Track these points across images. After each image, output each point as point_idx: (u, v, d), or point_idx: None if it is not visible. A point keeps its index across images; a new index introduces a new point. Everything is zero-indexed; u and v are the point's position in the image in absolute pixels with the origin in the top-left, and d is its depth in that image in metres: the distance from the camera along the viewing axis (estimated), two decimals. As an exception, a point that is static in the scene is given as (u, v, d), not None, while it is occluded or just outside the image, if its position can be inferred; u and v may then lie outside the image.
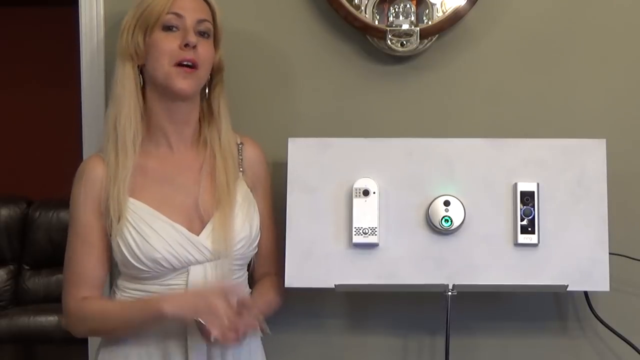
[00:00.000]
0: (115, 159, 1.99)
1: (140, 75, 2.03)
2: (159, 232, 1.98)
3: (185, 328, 1.97)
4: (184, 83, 1.99)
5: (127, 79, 2.02)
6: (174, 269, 1.99)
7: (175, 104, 2.02)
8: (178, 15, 1.99)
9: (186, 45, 1.98)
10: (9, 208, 5.28)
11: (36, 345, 4.94)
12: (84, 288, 2.01)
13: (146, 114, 2.04)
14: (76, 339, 2.13)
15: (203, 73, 2.02)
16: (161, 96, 2.02)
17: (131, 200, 2.00)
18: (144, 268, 1.97)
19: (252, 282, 2.15)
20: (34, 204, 5.30)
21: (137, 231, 1.97)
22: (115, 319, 1.99)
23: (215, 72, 2.08)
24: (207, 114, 2.09)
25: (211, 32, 2.04)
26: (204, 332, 1.87)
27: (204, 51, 2.01)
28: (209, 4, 2.05)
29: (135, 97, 2.02)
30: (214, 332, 1.84)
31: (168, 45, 1.99)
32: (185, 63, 1.98)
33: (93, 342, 2.28)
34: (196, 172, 2.05)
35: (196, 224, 2.01)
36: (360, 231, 2.10)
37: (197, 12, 2.02)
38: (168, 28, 2.00)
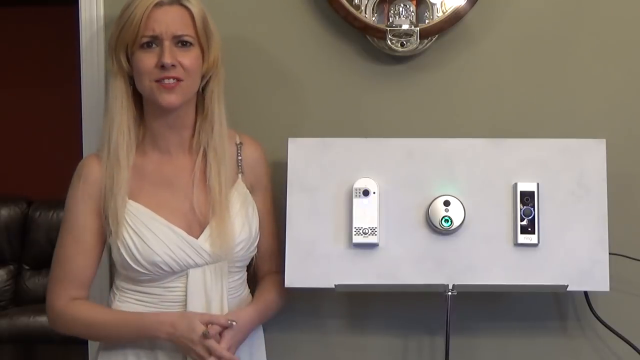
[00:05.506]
0: (110, 170, 2.00)
1: (133, 86, 2.02)
2: (159, 235, 1.98)
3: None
4: (169, 97, 1.97)
5: (118, 91, 2.02)
6: (173, 272, 1.99)
7: (170, 111, 2.02)
8: (153, 36, 1.96)
9: (162, 66, 1.95)
10: (9, 208, 5.28)
11: (36, 345, 4.94)
12: (71, 288, 2.02)
13: (143, 120, 2.05)
14: (76, 340, 2.13)
15: (190, 83, 1.99)
16: (154, 106, 2.01)
17: (130, 202, 2.00)
18: (143, 271, 1.97)
19: (254, 281, 2.15)
20: (34, 204, 5.29)
21: (136, 234, 1.97)
22: (106, 332, 2.01)
23: (208, 72, 2.04)
24: (201, 113, 2.07)
25: (194, 40, 2.00)
26: None
27: (187, 62, 1.97)
28: (188, 10, 1.99)
29: (127, 110, 2.01)
30: None
31: (147, 64, 1.97)
32: (165, 81, 1.96)
33: (93, 343, 2.27)
34: (192, 175, 2.05)
35: (195, 227, 2.01)
36: (360, 231, 2.10)
37: (173, 26, 1.97)
38: (147, 45, 1.97)
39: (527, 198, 2.10)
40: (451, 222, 2.09)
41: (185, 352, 1.96)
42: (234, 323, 1.96)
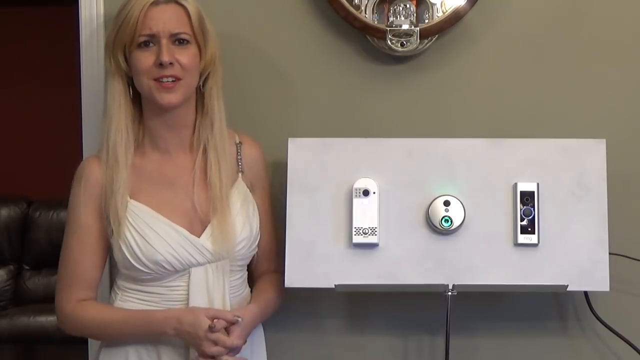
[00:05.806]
0: (109, 170, 2.00)
1: (132, 86, 2.02)
2: (161, 234, 1.98)
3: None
4: (169, 97, 1.98)
5: (116, 91, 2.02)
6: (175, 271, 1.99)
7: (169, 111, 2.02)
8: (151, 34, 1.96)
9: (160, 64, 1.96)
10: (9, 208, 5.28)
11: (36, 345, 4.94)
12: (79, 289, 2.02)
13: (143, 119, 2.05)
14: (76, 339, 2.14)
15: (189, 80, 2.00)
16: (153, 105, 2.02)
17: (132, 202, 2.00)
18: (146, 270, 1.98)
19: (251, 280, 2.15)
20: (34, 204, 5.29)
21: (138, 233, 1.97)
22: (114, 330, 2.01)
23: (205, 70, 2.04)
24: (200, 110, 2.07)
25: (191, 38, 2.00)
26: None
27: (184, 60, 1.97)
28: (184, 8, 1.99)
29: (125, 109, 2.02)
30: None
31: (145, 63, 1.97)
32: (164, 80, 1.96)
33: (93, 343, 2.28)
34: (193, 173, 2.05)
35: (196, 226, 2.02)
36: (360, 231, 2.10)
37: (170, 24, 1.97)
38: (144, 44, 1.97)
39: (527, 198, 2.10)
40: (451, 222, 2.09)
41: (191, 346, 1.97)
42: (240, 319, 1.96)
